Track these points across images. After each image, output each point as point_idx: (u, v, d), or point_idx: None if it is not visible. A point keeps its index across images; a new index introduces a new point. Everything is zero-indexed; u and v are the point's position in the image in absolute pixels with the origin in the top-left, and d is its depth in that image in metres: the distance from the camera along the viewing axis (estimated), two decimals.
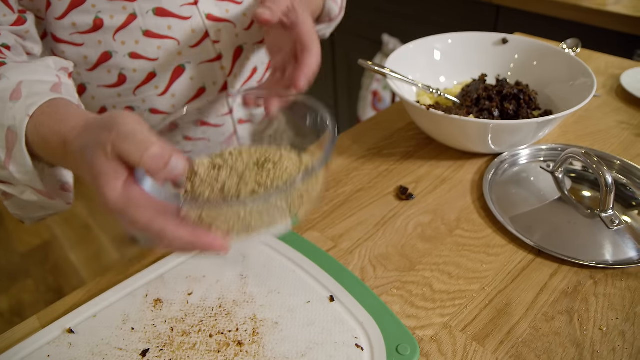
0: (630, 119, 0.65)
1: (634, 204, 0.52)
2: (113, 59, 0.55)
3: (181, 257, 0.47)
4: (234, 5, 0.59)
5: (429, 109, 0.53)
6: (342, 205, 0.54)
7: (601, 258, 0.46)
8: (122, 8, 0.53)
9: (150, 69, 0.57)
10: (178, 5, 0.55)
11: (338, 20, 0.65)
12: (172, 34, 0.56)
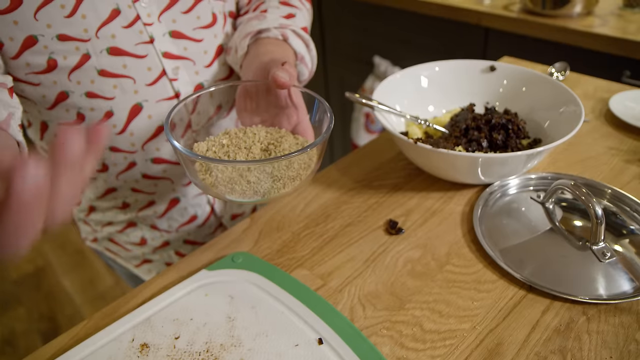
0: (620, 144, 0.66)
1: (625, 233, 0.52)
2: (70, 98, 0.56)
3: (168, 299, 0.47)
4: (192, 43, 0.60)
5: (416, 142, 0.53)
6: (332, 241, 0.54)
7: (594, 293, 0.45)
8: (75, 48, 0.53)
9: (107, 107, 0.57)
10: (133, 43, 0.55)
11: (306, 81, 0.66)
12: (127, 72, 0.56)
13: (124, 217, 0.73)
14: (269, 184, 0.44)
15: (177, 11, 0.59)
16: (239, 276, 0.49)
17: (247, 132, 0.50)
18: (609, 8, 1.10)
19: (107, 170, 0.65)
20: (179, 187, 0.70)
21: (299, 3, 0.71)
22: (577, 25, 1.03)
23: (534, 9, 1.10)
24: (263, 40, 0.60)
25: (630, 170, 0.61)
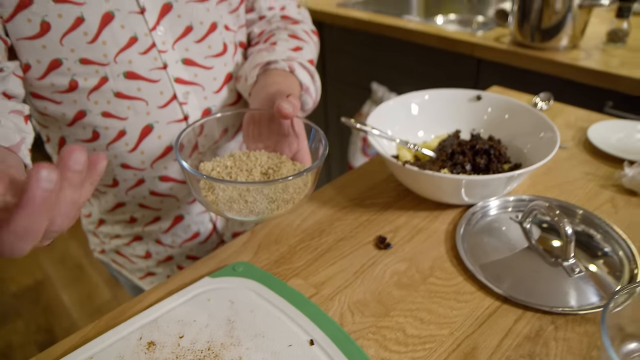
0: (596, 170, 0.71)
1: (599, 254, 0.57)
2: (87, 117, 0.62)
3: (174, 302, 0.51)
4: (203, 70, 0.66)
5: (404, 164, 0.59)
6: (325, 254, 0.59)
7: (563, 304, 0.50)
8: (94, 71, 0.59)
9: (120, 127, 0.63)
10: (148, 69, 0.61)
11: (310, 110, 0.72)
12: (141, 95, 0.62)
13: (131, 231, 0.78)
14: (264, 205, 0.49)
15: (190, 40, 0.65)
16: (239, 283, 0.53)
17: (250, 156, 0.55)
18: (594, 42, 1.18)
19: (118, 186, 0.70)
20: (183, 204, 0.75)
21: (307, 36, 0.77)
22: (563, 58, 1.10)
23: (523, 41, 1.18)
24: (271, 72, 0.66)
25: (603, 195, 0.66)
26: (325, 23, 1.64)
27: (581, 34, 1.14)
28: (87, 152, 0.32)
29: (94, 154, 0.34)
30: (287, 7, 0.79)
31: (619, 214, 0.62)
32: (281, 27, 0.77)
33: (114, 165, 0.68)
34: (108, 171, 0.69)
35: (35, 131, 0.58)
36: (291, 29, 0.77)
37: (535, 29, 1.14)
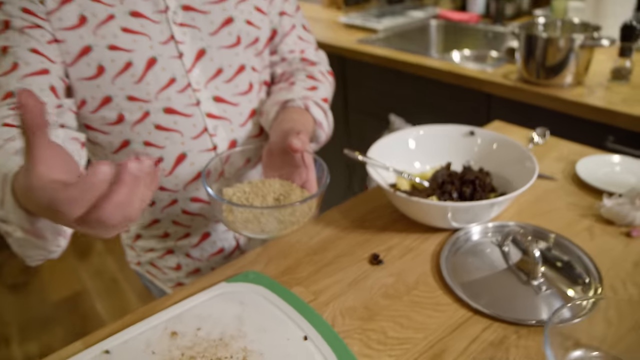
0: (579, 201, 0.78)
1: (568, 275, 0.64)
2: (130, 145, 0.74)
3: (195, 301, 0.62)
4: (231, 107, 0.78)
5: (395, 191, 0.68)
6: (325, 267, 0.68)
7: (527, 317, 0.58)
8: (139, 107, 0.72)
9: (159, 154, 0.75)
10: (183, 105, 0.74)
11: (323, 143, 0.83)
12: (177, 127, 0.74)
13: (164, 245, 0.90)
14: (274, 225, 0.59)
15: (221, 81, 0.78)
16: (249, 288, 0.64)
17: (265, 183, 0.66)
18: (598, 80, 1.25)
19: (154, 205, 0.82)
20: (211, 223, 0.86)
21: (322, 77, 0.89)
22: (567, 95, 1.18)
23: (529, 78, 1.26)
24: (289, 109, 0.77)
25: (582, 223, 0.73)
26: (347, 58, 1.77)
27: (585, 71, 1.22)
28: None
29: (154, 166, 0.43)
30: (306, 51, 0.91)
31: (594, 241, 0.69)
32: (300, 69, 0.89)
33: None
34: None
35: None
36: (309, 70, 0.89)
37: (540, 67, 1.22)
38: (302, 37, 0.90)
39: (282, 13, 0.86)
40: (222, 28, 0.76)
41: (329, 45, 1.81)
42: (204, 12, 0.74)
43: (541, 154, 0.92)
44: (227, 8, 0.76)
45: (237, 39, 0.78)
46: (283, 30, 0.87)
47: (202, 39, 0.75)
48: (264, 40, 0.83)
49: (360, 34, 1.88)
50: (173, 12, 0.72)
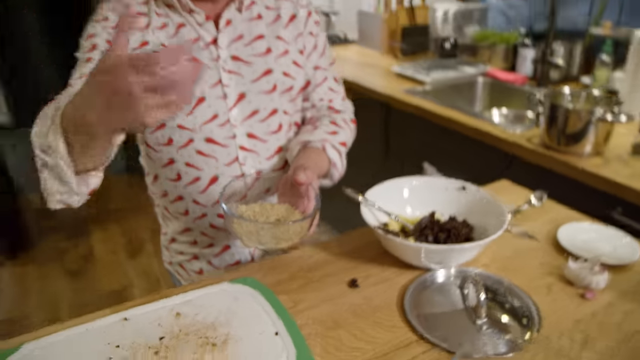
0: (552, 261, 0.88)
1: (512, 318, 0.74)
2: (175, 164, 0.94)
3: (200, 292, 0.79)
4: (260, 143, 0.96)
5: (376, 228, 0.82)
6: (311, 283, 0.83)
7: (465, 349, 0.69)
8: (186, 134, 0.91)
9: (196, 174, 0.94)
10: (222, 137, 0.93)
11: (336, 181, 0.99)
12: (214, 154, 0.93)
13: (192, 251, 1.09)
14: (270, 240, 0.76)
15: (255, 120, 0.97)
16: (245, 290, 0.80)
17: (273, 207, 0.83)
18: (619, 152, 1.31)
19: (188, 215, 1.01)
20: (231, 237, 1.04)
21: (344, 124, 1.06)
22: (583, 164, 1.26)
23: (550, 143, 1.35)
24: (308, 149, 0.95)
25: (545, 280, 0.83)
26: (392, 106, 1.93)
27: (605, 142, 1.29)
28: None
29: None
30: (334, 100, 1.09)
31: (549, 296, 0.79)
32: (326, 115, 1.07)
33: (188, 200, 0.99)
34: (183, 203, 1.00)
35: (142, 167, 0.93)
36: (333, 117, 1.06)
37: (561, 134, 1.31)
38: (332, 88, 1.08)
39: (316, 67, 1.04)
40: (262, 77, 0.95)
41: (376, 92, 1.99)
42: (249, 63, 0.94)
43: (535, 215, 1.02)
44: (268, 61, 0.96)
45: (274, 86, 0.97)
46: (316, 82, 1.05)
47: (244, 84, 0.94)
48: (297, 88, 1.01)
49: (408, 84, 2.04)
50: (223, 61, 0.92)
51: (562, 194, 1.07)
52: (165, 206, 1.05)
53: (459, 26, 2.45)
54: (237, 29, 0.94)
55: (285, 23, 0.98)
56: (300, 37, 1.00)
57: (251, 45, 0.94)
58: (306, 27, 1.01)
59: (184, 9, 0.90)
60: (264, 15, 0.97)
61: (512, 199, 1.08)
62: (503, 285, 0.80)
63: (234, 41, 0.93)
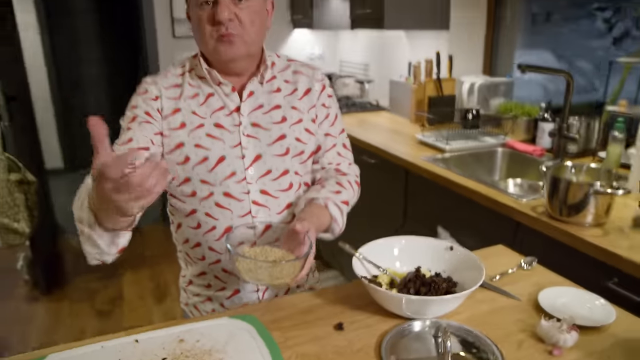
0: (528, 319, 0.95)
1: None
2: (196, 213, 1.10)
3: (203, 324, 0.92)
4: (272, 199, 1.11)
5: (362, 278, 0.94)
6: (303, 323, 0.94)
7: None
8: (207, 189, 1.07)
9: (213, 223, 1.09)
10: (238, 192, 1.08)
11: (337, 235, 1.13)
12: (230, 207, 1.08)
13: (206, 293, 1.22)
14: (266, 277, 0.89)
15: (269, 179, 1.12)
16: (242, 325, 0.92)
17: (273, 250, 0.97)
18: (619, 224, 1.37)
19: (204, 260, 1.16)
20: (242, 282, 1.17)
21: (348, 185, 1.20)
22: (582, 234, 1.33)
23: (552, 213, 1.43)
24: (312, 204, 1.10)
25: (517, 336, 0.90)
26: (410, 171, 2.07)
27: (605, 214, 1.36)
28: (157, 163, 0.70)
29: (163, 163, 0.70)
30: (341, 164, 1.24)
31: (519, 352, 0.87)
32: (332, 176, 1.21)
33: (205, 247, 1.14)
34: (201, 249, 1.15)
35: (167, 217, 1.09)
36: (339, 178, 1.21)
37: (562, 205, 1.40)
38: (340, 153, 1.24)
39: (327, 134, 1.21)
40: (277, 141, 1.12)
41: (398, 157, 2.14)
42: (266, 129, 1.12)
43: (522, 278, 1.11)
44: (283, 128, 1.13)
45: (287, 150, 1.13)
46: (325, 147, 1.21)
47: (261, 147, 1.11)
48: (308, 152, 1.17)
49: (429, 151, 2.18)
50: (244, 127, 1.10)
51: (563, 262, 1.15)
52: (186, 251, 1.21)
53: (484, 98, 2.60)
54: (258, 99, 1.12)
55: (300, 95, 1.16)
56: (313, 108, 1.17)
57: (269, 114, 1.12)
58: (319, 99, 1.18)
59: (214, 81, 1.09)
60: (283, 88, 1.15)
61: (504, 263, 1.17)
62: (475, 337, 0.89)
63: (255, 110, 1.11)
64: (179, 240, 1.21)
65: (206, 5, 1.01)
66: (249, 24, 1.03)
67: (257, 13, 1.05)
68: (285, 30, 3.95)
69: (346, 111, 3.23)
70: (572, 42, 2.26)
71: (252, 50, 1.08)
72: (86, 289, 2.84)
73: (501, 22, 2.69)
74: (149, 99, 1.08)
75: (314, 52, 4.10)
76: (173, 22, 3.52)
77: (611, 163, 1.75)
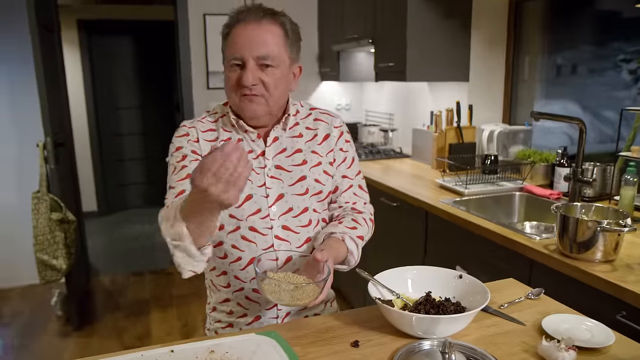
0: (531, 341, 1.04)
1: None
2: (223, 245, 1.23)
3: (232, 338, 1.03)
4: (293, 234, 1.24)
5: (375, 299, 1.05)
6: (322, 340, 1.05)
7: None
8: (234, 223, 1.21)
9: (239, 255, 1.22)
10: (262, 227, 1.21)
11: (353, 266, 1.25)
12: (254, 240, 1.22)
13: (228, 320, 1.33)
14: (287, 298, 1.02)
15: (289, 215, 1.26)
16: (267, 340, 1.03)
17: (295, 276, 1.09)
18: (628, 261, 1.45)
19: (229, 288, 1.29)
20: (262, 310, 1.29)
21: (364, 222, 1.33)
22: (591, 269, 1.41)
23: (563, 251, 1.52)
24: (331, 238, 1.23)
25: (520, 356, 0.99)
26: (430, 213, 2.18)
27: (614, 251, 1.44)
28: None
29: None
30: (357, 203, 1.37)
31: None
32: (349, 214, 1.34)
33: (230, 275, 1.27)
34: (226, 277, 1.28)
35: None
36: (355, 216, 1.34)
37: (573, 242, 1.48)
38: (356, 194, 1.37)
39: (344, 176, 1.35)
40: (298, 182, 1.27)
41: (418, 200, 2.26)
42: (288, 171, 1.27)
43: (530, 306, 1.19)
44: (304, 170, 1.28)
45: (306, 190, 1.27)
46: (342, 188, 1.35)
47: (283, 187, 1.26)
48: (326, 192, 1.31)
49: (449, 195, 2.30)
50: (268, 169, 1.26)
51: (574, 297, 1.22)
52: (211, 279, 1.34)
53: (503, 145, 2.73)
54: (282, 144, 1.28)
55: (320, 140, 1.31)
56: (331, 152, 1.32)
57: (291, 157, 1.28)
58: (337, 144, 1.34)
59: (241, 129, 1.26)
60: (304, 134, 1.31)
61: (514, 293, 1.26)
62: (481, 355, 0.98)
63: (278, 154, 1.27)
64: (207, 268, 1.33)
65: (236, 67, 1.19)
66: (272, 88, 1.19)
67: (281, 79, 1.21)
68: (314, 82, 4.21)
69: (371, 158, 3.39)
70: (598, 93, 2.37)
71: (274, 110, 1.24)
72: (115, 326, 2.97)
73: (519, 74, 2.85)
74: (191, 140, 1.25)
75: (341, 103, 4.34)
76: (208, 74, 3.83)
77: (625, 206, 1.83)
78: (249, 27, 1.17)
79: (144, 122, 5.88)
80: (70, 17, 5.20)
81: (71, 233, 2.92)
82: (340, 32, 3.64)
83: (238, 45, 1.17)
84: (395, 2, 2.87)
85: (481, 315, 1.14)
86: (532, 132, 2.75)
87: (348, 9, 3.52)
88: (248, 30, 1.17)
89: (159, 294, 3.36)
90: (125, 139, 5.82)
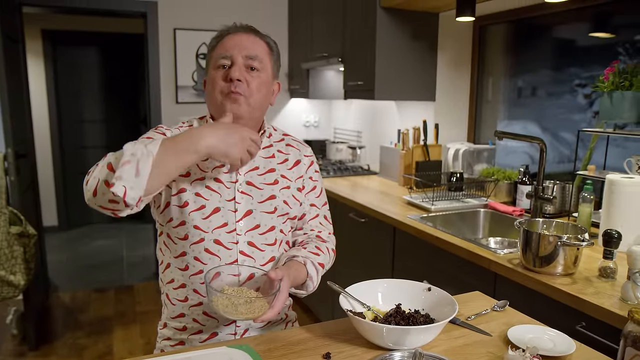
0: (497, 352, 1.07)
1: None
2: (186, 256, 1.22)
3: (205, 352, 1.02)
4: (258, 251, 1.24)
5: (347, 310, 1.06)
6: (293, 353, 1.05)
7: None
8: (199, 234, 1.20)
9: (201, 267, 1.21)
10: (227, 241, 1.21)
11: (310, 292, 1.27)
12: (218, 254, 1.21)
13: (179, 337, 1.30)
14: (235, 312, 1.02)
15: (256, 232, 1.26)
16: (239, 353, 1.03)
17: (248, 291, 1.09)
18: (587, 274, 1.51)
19: (186, 302, 1.26)
20: (221, 325, 1.27)
21: (326, 250, 1.35)
22: (551, 282, 1.46)
23: (526, 264, 1.57)
24: (293, 261, 1.24)
25: None
26: (398, 228, 2.22)
27: (574, 265, 1.50)
28: None
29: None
30: (322, 232, 1.39)
31: None
32: (313, 241, 1.36)
33: (189, 289, 1.25)
34: (185, 291, 1.25)
35: (155, 257, 1.22)
36: (319, 244, 1.35)
37: (535, 256, 1.54)
38: (322, 223, 1.40)
39: (312, 205, 1.38)
40: (267, 200, 1.27)
41: (385, 216, 2.29)
42: (259, 188, 1.27)
43: (496, 318, 1.23)
44: (274, 189, 1.29)
45: (275, 209, 1.28)
46: (310, 216, 1.37)
47: (252, 203, 1.26)
48: (292, 215, 1.32)
49: (416, 211, 2.35)
50: (239, 184, 1.26)
51: (537, 308, 1.26)
52: (167, 292, 1.29)
53: (468, 163, 2.81)
54: (255, 162, 1.29)
55: (290, 165, 1.34)
56: (300, 179, 1.35)
57: (263, 176, 1.29)
58: (307, 172, 1.37)
59: None
60: (277, 156, 1.33)
61: (480, 305, 1.30)
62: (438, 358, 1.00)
63: (251, 170, 1.28)
64: (164, 280, 1.30)
65: (223, 68, 1.23)
66: (255, 90, 1.23)
67: (264, 84, 1.26)
68: (283, 99, 4.24)
69: (339, 175, 3.42)
70: (556, 115, 2.49)
71: (254, 115, 1.27)
72: (75, 345, 2.86)
73: (483, 95, 2.96)
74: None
75: (310, 120, 4.38)
76: (177, 89, 3.80)
77: (583, 221, 1.91)
78: (239, 35, 1.26)
79: (109, 135, 5.76)
80: (35, 27, 5.09)
81: (31, 248, 2.81)
82: (310, 50, 3.70)
83: (228, 46, 1.24)
84: (365, 23, 2.95)
85: (449, 327, 1.17)
86: (495, 151, 2.85)
87: (318, 28, 3.59)
88: (238, 36, 1.26)
89: (122, 311, 3.26)
90: (90, 152, 5.68)
